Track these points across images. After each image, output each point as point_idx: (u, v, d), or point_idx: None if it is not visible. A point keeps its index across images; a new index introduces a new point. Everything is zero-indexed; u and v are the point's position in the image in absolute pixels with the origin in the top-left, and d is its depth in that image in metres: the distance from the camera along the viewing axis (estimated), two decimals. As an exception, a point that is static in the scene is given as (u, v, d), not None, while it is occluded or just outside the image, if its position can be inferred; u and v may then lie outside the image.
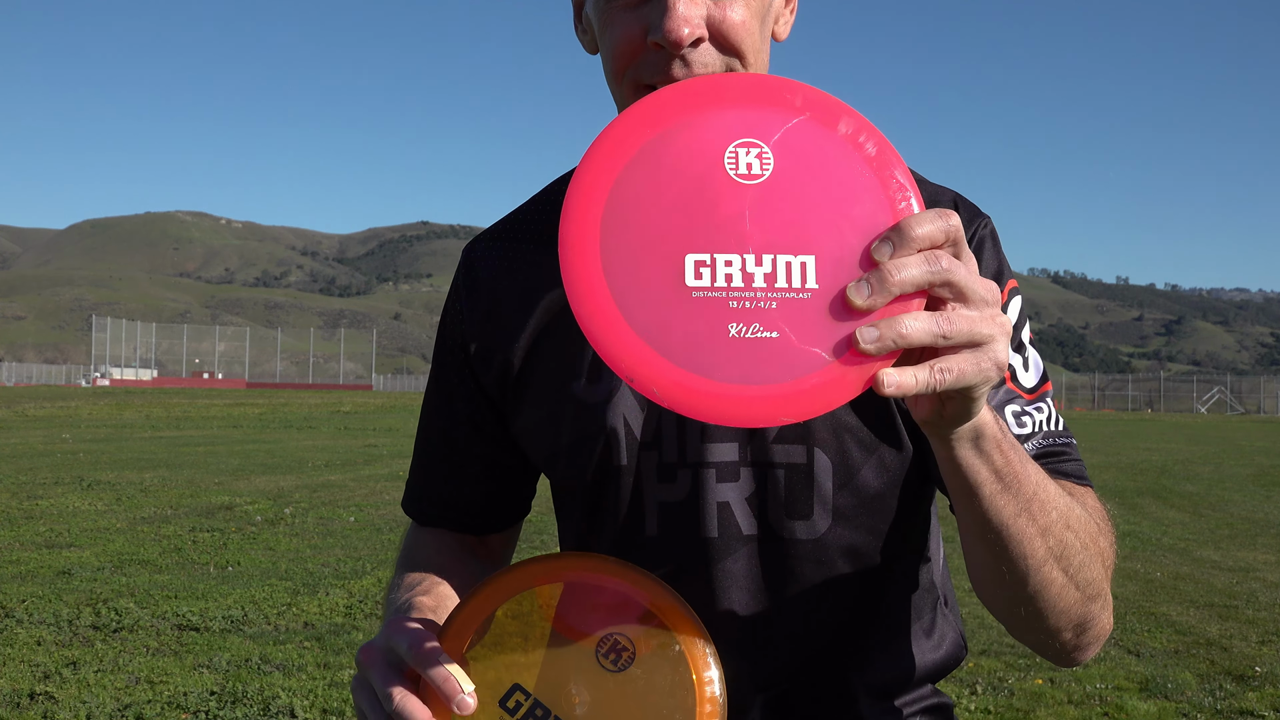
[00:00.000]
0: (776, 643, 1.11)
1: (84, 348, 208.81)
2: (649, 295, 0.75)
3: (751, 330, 0.74)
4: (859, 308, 0.73)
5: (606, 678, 0.87)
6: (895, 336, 0.72)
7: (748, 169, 0.76)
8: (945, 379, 0.73)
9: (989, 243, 1.08)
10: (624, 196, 0.77)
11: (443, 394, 1.23)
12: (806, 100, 0.78)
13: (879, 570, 1.12)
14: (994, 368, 0.75)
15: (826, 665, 1.13)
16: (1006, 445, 0.86)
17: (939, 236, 0.74)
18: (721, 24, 0.96)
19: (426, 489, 1.27)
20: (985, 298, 0.75)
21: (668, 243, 0.75)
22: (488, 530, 1.27)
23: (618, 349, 0.75)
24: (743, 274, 0.74)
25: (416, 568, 1.17)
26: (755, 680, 1.12)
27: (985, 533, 0.89)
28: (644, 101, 0.80)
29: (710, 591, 1.09)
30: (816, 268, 0.74)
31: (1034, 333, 1.11)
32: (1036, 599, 0.93)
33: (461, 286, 1.20)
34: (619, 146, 0.78)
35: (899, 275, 0.72)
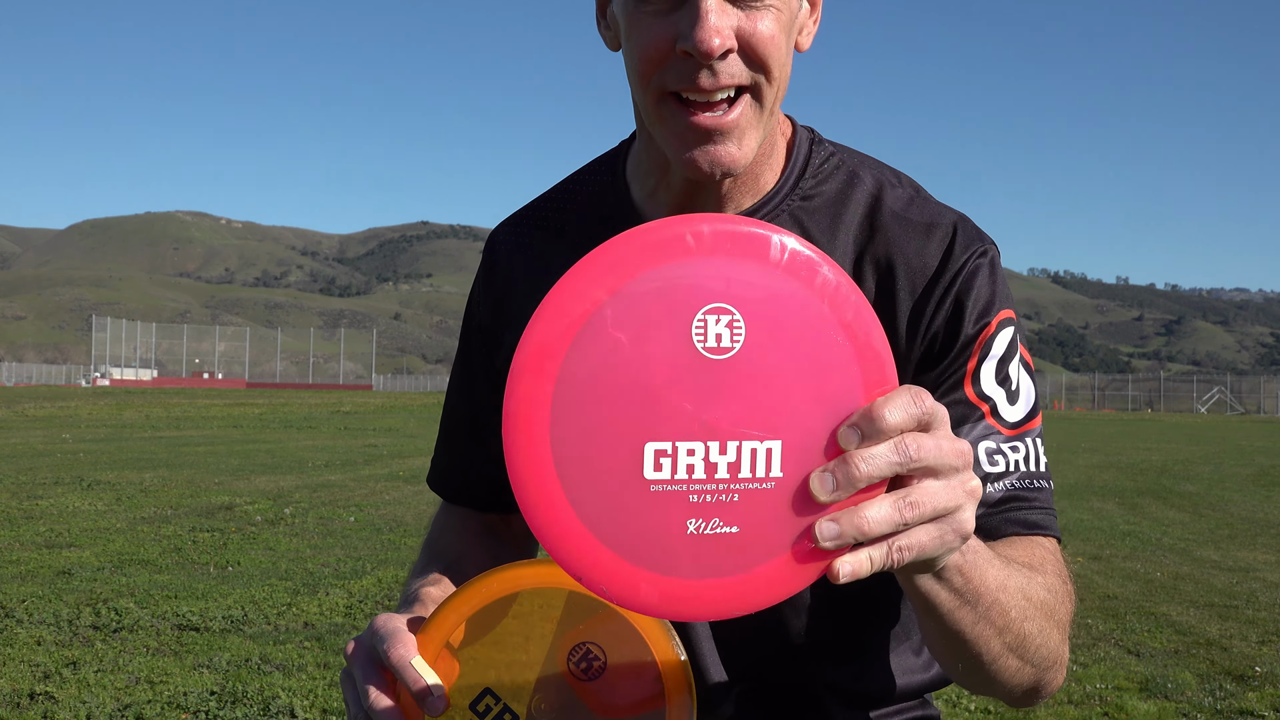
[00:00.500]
0: (747, 639, 1.13)
1: (84, 348, 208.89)
2: (604, 489, 0.69)
3: (711, 526, 0.69)
4: (822, 502, 0.69)
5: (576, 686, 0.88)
6: (855, 534, 0.69)
7: (717, 341, 0.69)
8: (904, 557, 0.71)
9: (984, 272, 1.06)
10: (578, 370, 0.69)
11: (465, 374, 1.29)
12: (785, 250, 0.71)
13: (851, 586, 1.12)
14: (957, 538, 0.74)
15: (803, 667, 1.14)
16: (968, 566, 0.84)
17: (909, 424, 0.70)
18: (751, 37, 0.96)
19: (450, 465, 1.32)
20: (955, 465, 0.72)
21: (626, 429, 0.69)
22: (510, 508, 1.30)
23: (566, 546, 0.70)
24: (705, 464, 0.69)
25: (437, 553, 1.22)
26: (730, 673, 1.13)
27: (942, 637, 0.90)
28: (605, 247, 0.71)
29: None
30: (783, 454, 0.69)
31: (1034, 334, 1.10)
32: (992, 681, 0.95)
33: (482, 272, 1.27)
34: (573, 304, 0.70)
35: (865, 469, 0.69)
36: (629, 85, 1.05)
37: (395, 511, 10.32)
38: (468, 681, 0.88)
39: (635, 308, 0.69)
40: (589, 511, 0.69)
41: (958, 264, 1.06)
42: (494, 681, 0.87)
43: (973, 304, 1.05)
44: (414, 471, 14.05)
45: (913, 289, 1.06)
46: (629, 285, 0.70)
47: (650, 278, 0.70)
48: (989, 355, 1.05)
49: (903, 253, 1.07)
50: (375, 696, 0.85)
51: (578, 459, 0.69)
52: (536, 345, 0.70)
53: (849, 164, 1.13)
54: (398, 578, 7.00)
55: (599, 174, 1.21)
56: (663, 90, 0.98)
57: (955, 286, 1.05)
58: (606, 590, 0.70)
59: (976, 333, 1.05)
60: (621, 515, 0.69)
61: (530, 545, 1.37)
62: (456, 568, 1.16)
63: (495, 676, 0.88)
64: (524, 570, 0.89)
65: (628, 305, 0.69)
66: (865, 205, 1.10)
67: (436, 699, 0.83)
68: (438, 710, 0.83)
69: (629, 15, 0.99)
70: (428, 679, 0.83)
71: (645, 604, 0.70)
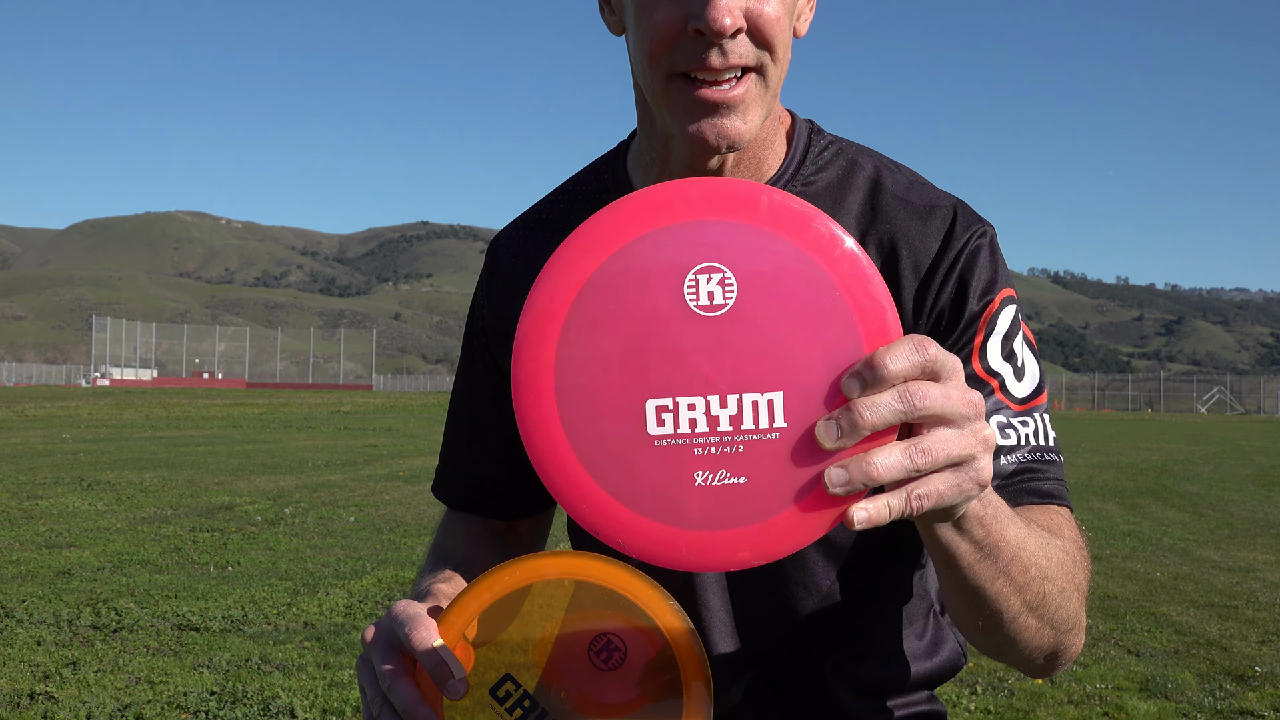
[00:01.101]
0: (756, 628, 1.13)
1: (84, 348, 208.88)
2: (610, 446, 0.71)
3: (719, 478, 0.71)
4: (828, 450, 0.70)
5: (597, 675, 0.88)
6: (864, 479, 0.69)
7: (709, 299, 0.71)
8: (923, 505, 0.72)
9: (985, 252, 1.08)
10: (577, 334, 0.72)
11: (469, 378, 1.28)
12: (773, 208, 0.72)
13: (861, 568, 1.13)
14: (975, 486, 0.74)
15: (809, 656, 1.14)
16: (989, 518, 0.84)
17: (913, 372, 0.70)
18: (759, 17, 0.98)
19: (455, 471, 1.31)
20: (966, 414, 0.72)
21: (627, 387, 0.71)
22: (515, 514, 1.30)
23: (580, 503, 0.73)
24: (707, 417, 0.70)
25: (444, 556, 1.21)
26: (738, 659, 1.14)
27: (962, 592, 0.90)
28: (598, 216, 0.74)
29: (688, 576, 1.12)
30: (785, 405, 0.70)
31: (1034, 334, 1.11)
32: (1011, 642, 0.95)
33: (484, 274, 1.27)
34: (570, 273, 0.73)
35: (869, 417, 0.69)
36: (632, 69, 1.06)
37: (395, 511, 10.32)
38: (488, 669, 0.88)
39: (628, 272, 0.72)
40: (600, 469, 0.72)
41: (959, 244, 1.07)
42: (514, 669, 0.88)
43: (976, 282, 1.07)
44: (414, 471, 14.06)
45: (916, 269, 1.08)
46: (620, 251, 0.72)
47: (641, 242, 0.72)
48: (994, 331, 1.06)
49: (905, 234, 1.09)
50: (394, 679, 0.85)
51: (584, 420, 0.72)
52: (537, 313, 0.73)
53: (848, 152, 1.15)
54: (398, 578, 7.00)
55: (600, 174, 1.22)
56: (672, 70, 1.00)
57: (958, 266, 1.07)
58: (624, 544, 0.72)
59: (981, 309, 1.06)
60: (631, 471, 0.71)
61: (537, 550, 1.37)
62: (465, 569, 1.16)
63: (515, 664, 0.88)
64: (543, 560, 0.90)
65: (620, 270, 0.72)
66: (866, 189, 1.11)
67: (457, 682, 0.83)
68: (458, 694, 0.83)
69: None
70: (449, 662, 0.84)
71: (663, 556, 0.72)
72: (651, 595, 0.89)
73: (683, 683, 0.88)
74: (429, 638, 0.85)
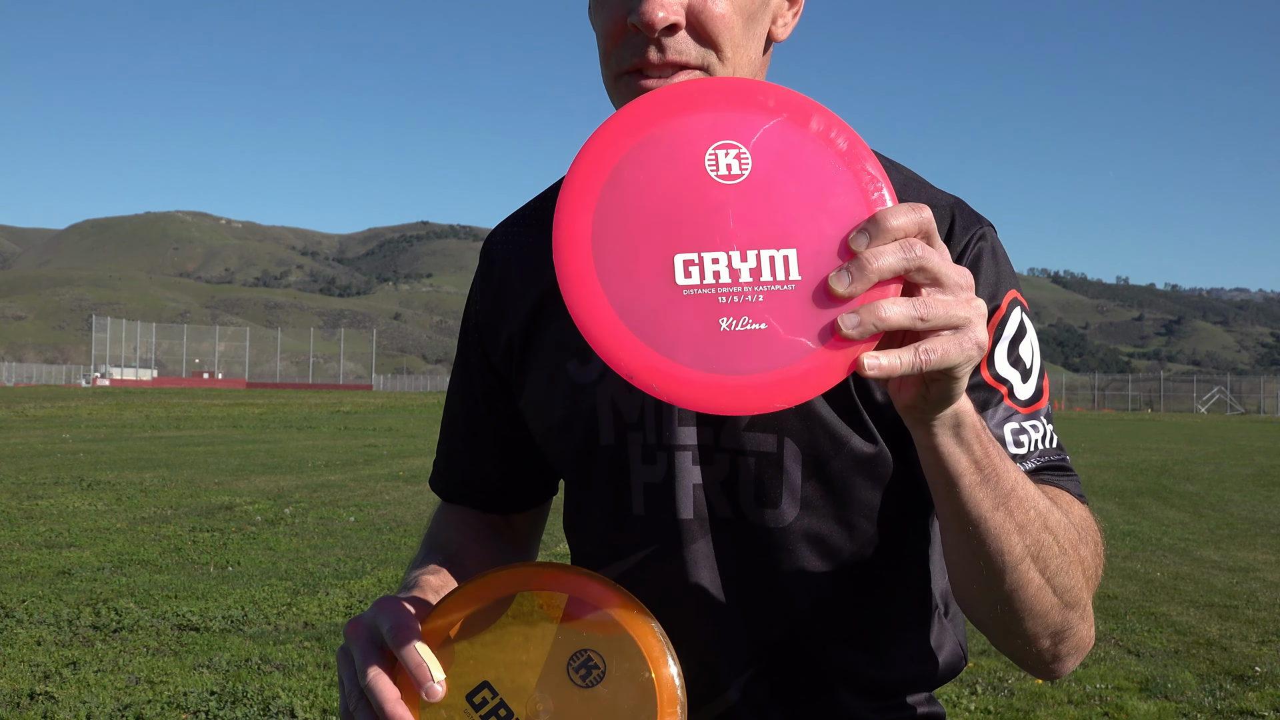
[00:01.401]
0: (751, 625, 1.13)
1: (84, 348, 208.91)
2: (643, 296, 0.78)
3: (741, 323, 0.77)
4: (840, 295, 0.77)
5: (573, 692, 0.88)
6: (875, 320, 0.76)
7: (728, 170, 0.80)
8: (930, 359, 0.77)
9: (986, 254, 1.06)
10: (611, 203, 0.80)
11: (464, 373, 1.29)
12: (779, 101, 0.82)
13: (857, 568, 1.12)
14: (975, 347, 0.79)
15: (805, 654, 1.13)
16: (986, 438, 0.89)
17: (912, 228, 0.77)
18: (701, 13, 0.97)
19: (450, 465, 1.32)
20: (959, 282, 0.79)
21: (657, 245, 0.79)
22: (510, 509, 1.31)
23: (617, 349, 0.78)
24: (729, 270, 0.78)
25: (437, 546, 1.21)
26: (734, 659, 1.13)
27: (964, 525, 0.91)
28: (624, 110, 0.83)
29: (683, 572, 1.11)
30: (799, 260, 0.78)
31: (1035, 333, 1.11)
32: (1013, 598, 0.94)
33: (479, 271, 1.27)
34: (603, 155, 0.82)
35: (877, 263, 0.76)
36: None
37: (395, 511, 10.32)
38: (467, 674, 0.88)
39: (656, 149, 0.81)
40: (633, 318, 0.78)
41: (959, 248, 1.06)
42: (493, 677, 0.88)
43: (981, 288, 1.05)
44: (414, 471, 14.06)
45: None
46: (649, 134, 0.82)
47: (667, 127, 0.82)
48: (1001, 338, 1.05)
49: None
50: (373, 675, 0.85)
51: (618, 272, 0.79)
52: (578, 183, 0.81)
53: None
54: (398, 578, 7.00)
55: None
56: (619, 68, 1.01)
57: None
58: (656, 386, 0.77)
59: (988, 316, 1.05)
60: (661, 317, 0.78)
61: (531, 544, 1.37)
62: (456, 561, 1.16)
63: (494, 673, 0.88)
64: (529, 570, 0.90)
65: (649, 148, 0.81)
66: None
67: (436, 685, 0.84)
68: (435, 696, 0.84)
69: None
70: (428, 663, 0.84)
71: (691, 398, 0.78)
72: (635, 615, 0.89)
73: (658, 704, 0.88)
74: (411, 637, 0.86)
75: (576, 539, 1.24)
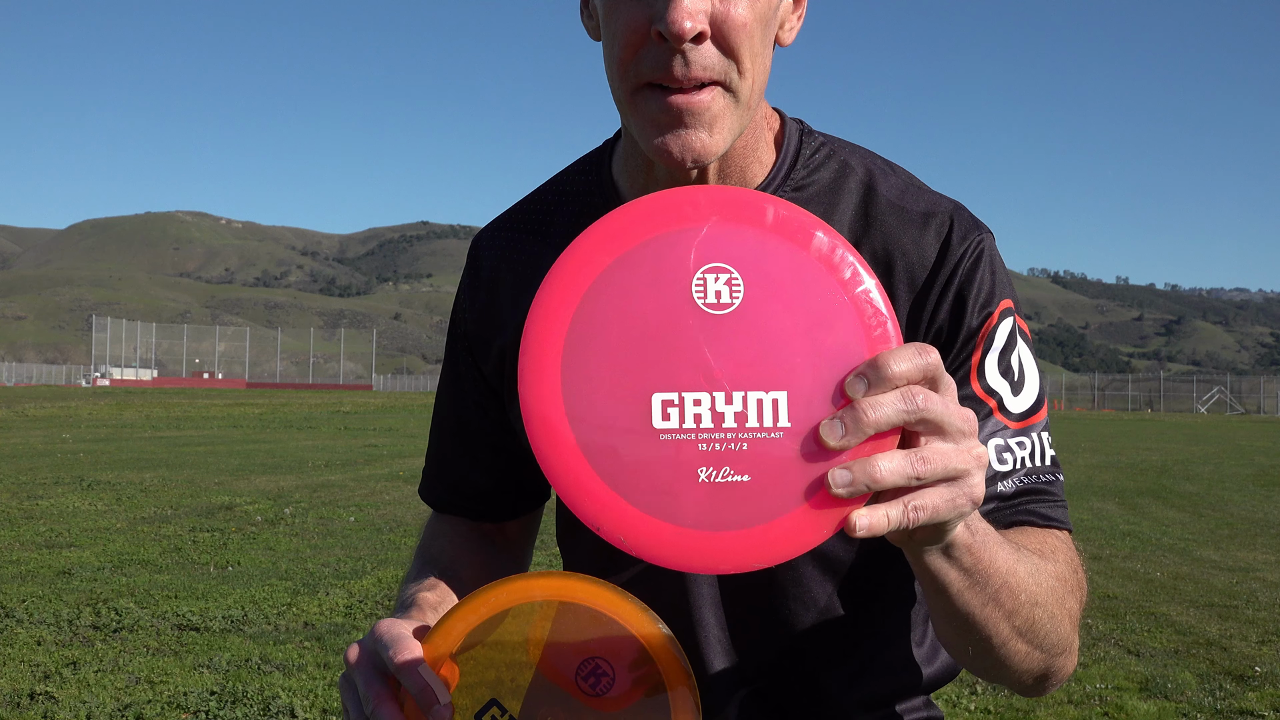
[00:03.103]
0: (752, 640, 1.12)
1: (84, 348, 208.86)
2: (614, 438, 0.72)
3: (722, 474, 0.71)
4: (831, 449, 0.71)
5: (584, 702, 0.86)
6: (868, 480, 0.70)
7: (716, 298, 0.73)
8: (920, 516, 0.72)
9: (983, 262, 1.06)
10: (586, 328, 0.73)
11: (453, 381, 1.26)
12: (778, 217, 0.75)
13: (857, 580, 1.12)
14: (969, 502, 0.74)
15: (805, 667, 1.13)
16: (977, 546, 0.85)
17: (915, 375, 0.72)
18: (724, 22, 0.94)
19: (440, 474, 1.30)
20: (962, 429, 0.73)
21: (633, 380, 0.72)
22: (502, 517, 1.29)
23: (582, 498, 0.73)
24: (712, 414, 0.71)
25: (430, 559, 1.19)
26: (733, 675, 1.12)
27: (951, 619, 0.90)
28: (608, 218, 0.76)
29: (684, 587, 1.11)
30: (789, 405, 0.71)
31: (1034, 335, 1.10)
32: (1001, 666, 0.95)
33: (466, 277, 1.24)
34: (580, 271, 0.74)
35: (874, 415, 0.70)
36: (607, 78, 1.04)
37: (395, 511, 10.32)
38: (473, 692, 0.86)
39: (638, 269, 0.74)
40: (602, 462, 0.72)
41: (956, 255, 1.05)
42: (500, 693, 0.86)
43: (975, 295, 1.04)
44: (414, 471, 14.04)
45: (912, 283, 1.05)
46: (632, 250, 0.74)
47: (652, 243, 0.74)
48: (992, 348, 1.04)
49: (899, 245, 1.06)
50: (378, 702, 0.83)
51: (588, 411, 0.72)
52: (547, 307, 0.74)
53: (840, 154, 1.12)
54: (398, 578, 6.99)
55: (584, 174, 1.19)
56: (637, 82, 0.97)
57: (956, 278, 1.05)
58: (625, 541, 0.72)
59: (979, 325, 1.04)
60: (634, 464, 0.72)
61: (524, 552, 1.35)
62: (452, 573, 1.14)
63: (502, 688, 0.86)
64: (530, 582, 0.88)
65: (631, 267, 0.74)
66: (859, 195, 1.08)
67: (442, 708, 0.82)
68: (443, 719, 0.82)
69: (606, 3, 0.99)
70: (434, 686, 0.82)
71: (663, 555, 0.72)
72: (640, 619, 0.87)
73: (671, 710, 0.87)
74: (414, 660, 0.83)
75: (570, 550, 1.23)
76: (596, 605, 0.87)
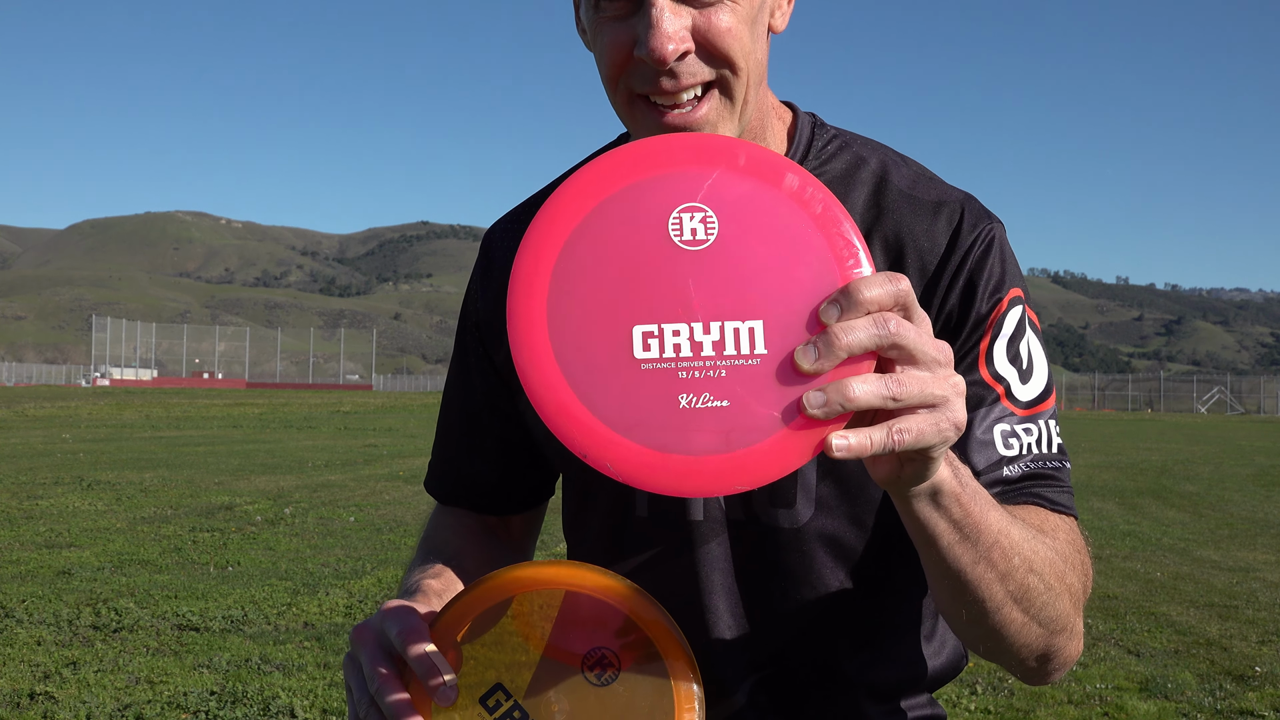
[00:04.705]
0: (762, 627, 1.12)
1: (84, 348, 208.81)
2: (599, 370, 0.75)
3: (702, 400, 0.74)
4: (806, 371, 0.72)
5: (588, 690, 0.87)
6: (842, 400, 0.72)
7: (692, 235, 0.76)
8: (904, 439, 0.73)
9: (994, 250, 1.06)
10: (569, 268, 0.76)
11: (462, 373, 1.27)
12: (750, 159, 0.77)
13: (869, 567, 1.12)
14: (952, 428, 0.75)
15: (816, 655, 1.13)
16: (966, 497, 0.85)
17: (887, 300, 0.73)
18: (708, 33, 0.94)
19: (447, 467, 1.30)
20: (937, 358, 0.74)
21: (615, 315, 0.75)
22: (507, 510, 1.29)
23: (570, 426, 0.75)
24: (691, 343, 0.74)
25: (434, 549, 1.20)
26: (742, 662, 1.12)
27: (943, 576, 0.90)
28: (587, 168, 0.79)
29: (695, 574, 1.11)
30: (765, 333, 0.74)
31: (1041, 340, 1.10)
32: (996, 635, 0.95)
33: (478, 269, 1.25)
34: (562, 217, 0.77)
35: (846, 339, 0.72)
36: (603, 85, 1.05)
37: (395, 511, 10.32)
38: (478, 676, 0.87)
39: (618, 211, 0.77)
40: (588, 393, 0.75)
41: (967, 242, 1.06)
42: (506, 679, 0.87)
43: (985, 282, 1.05)
44: (414, 471, 14.04)
45: (923, 269, 1.06)
46: (611, 196, 0.77)
47: (630, 189, 0.77)
48: (1000, 334, 1.05)
49: (910, 232, 1.07)
50: (384, 682, 0.83)
51: (574, 344, 0.75)
52: (532, 250, 0.77)
53: (853, 146, 1.12)
54: (398, 578, 6.99)
55: None
56: (631, 93, 0.98)
57: (967, 265, 1.05)
58: (612, 467, 0.74)
59: (989, 310, 1.05)
60: (617, 393, 0.75)
61: (528, 546, 1.35)
62: (456, 563, 1.14)
63: (507, 675, 0.87)
64: (537, 569, 0.89)
65: (611, 210, 0.77)
66: (871, 184, 1.09)
67: (448, 688, 0.82)
68: (448, 700, 0.82)
69: (591, 21, 0.99)
70: (440, 667, 0.82)
71: (649, 480, 0.75)
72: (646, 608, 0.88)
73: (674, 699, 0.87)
74: (421, 641, 0.84)
75: (577, 539, 1.23)
76: (602, 595, 0.87)
